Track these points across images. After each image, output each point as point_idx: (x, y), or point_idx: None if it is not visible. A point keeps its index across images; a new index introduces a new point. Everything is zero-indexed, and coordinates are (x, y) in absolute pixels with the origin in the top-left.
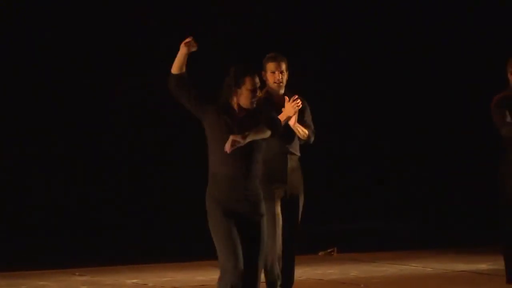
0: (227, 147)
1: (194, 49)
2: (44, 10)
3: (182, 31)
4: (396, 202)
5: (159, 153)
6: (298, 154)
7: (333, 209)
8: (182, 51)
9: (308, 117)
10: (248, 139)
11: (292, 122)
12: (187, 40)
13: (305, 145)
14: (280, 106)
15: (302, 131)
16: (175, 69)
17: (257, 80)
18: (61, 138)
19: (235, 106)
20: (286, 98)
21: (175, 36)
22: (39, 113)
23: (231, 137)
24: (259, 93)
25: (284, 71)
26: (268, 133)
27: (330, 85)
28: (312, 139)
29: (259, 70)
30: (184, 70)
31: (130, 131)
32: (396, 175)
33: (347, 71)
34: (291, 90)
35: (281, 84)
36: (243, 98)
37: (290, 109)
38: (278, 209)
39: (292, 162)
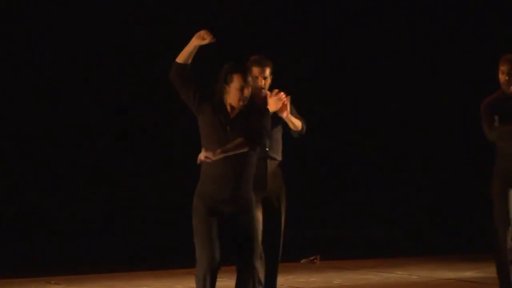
0: (200, 157)
1: (206, 41)
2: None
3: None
4: (380, 209)
5: (134, 158)
6: (279, 158)
7: (316, 216)
8: (194, 42)
9: (294, 111)
10: (219, 156)
11: (285, 114)
12: (201, 32)
13: (299, 137)
14: (262, 106)
15: (295, 122)
16: (181, 58)
17: (248, 79)
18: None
19: (228, 106)
20: (268, 93)
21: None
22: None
23: (202, 151)
24: (247, 92)
25: (268, 76)
26: (245, 149)
27: (321, 87)
28: (305, 129)
29: None
30: (189, 61)
31: (102, 141)
32: (382, 181)
33: (339, 73)
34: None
35: (263, 90)
36: (231, 97)
37: (273, 104)
38: (259, 215)
39: (273, 167)
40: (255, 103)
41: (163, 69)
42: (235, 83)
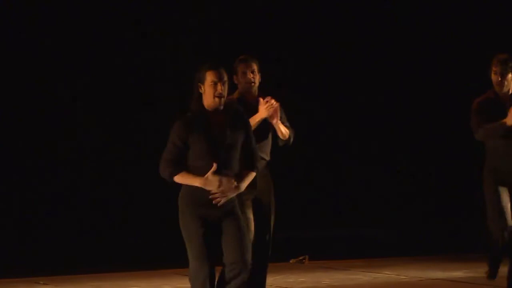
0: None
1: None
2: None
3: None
4: (370, 208)
5: (121, 156)
6: (268, 158)
7: (304, 215)
8: (197, 184)
9: (284, 117)
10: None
11: (274, 120)
12: (212, 181)
13: (283, 146)
14: (253, 107)
15: (284, 131)
16: (179, 181)
17: (222, 75)
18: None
19: (208, 111)
20: (260, 100)
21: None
22: None
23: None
24: (225, 90)
25: (256, 71)
26: (253, 176)
27: (313, 88)
28: (292, 139)
29: (230, 72)
30: None
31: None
32: (371, 179)
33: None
34: (264, 93)
35: (253, 84)
36: (206, 97)
37: (264, 111)
38: (251, 215)
39: (262, 168)
40: (238, 107)
41: None
42: (208, 79)
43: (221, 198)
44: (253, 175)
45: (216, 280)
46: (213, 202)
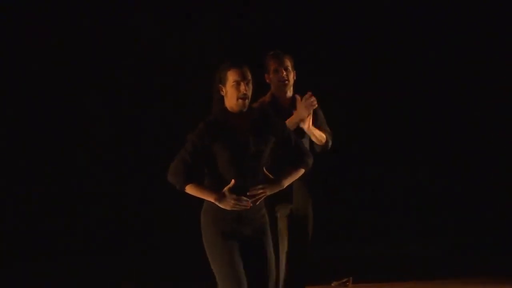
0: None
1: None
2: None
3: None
4: (417, 224)
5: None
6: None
7: (347, 232)
8: (211, 198)
9: (322, 119)
10: (283, 186)
11: (306, 126)
12: (228, 200)
13: (322, 153)
14: (287, 110)
15: (318, 136)
16: (189, 192)
17: (245, 73)
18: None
19: (232, 114)
20: (298, 98)
21: None
22: None
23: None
24: (249, 90)
25: (290, 68)
26: (301, 172)
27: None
28: (330, 143)
29: (261, 69)
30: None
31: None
32: (420, 195)
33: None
34: (299, 93)
35: (286, 82)
36: (229, 100)
37: (303, 110)
38: (283, 228)
39: (298, 179)
40: (268, 111)
41: None
42: (230, 80)
43: (256, 198)
44: (300, 171)
45: None
46: (243, 204)
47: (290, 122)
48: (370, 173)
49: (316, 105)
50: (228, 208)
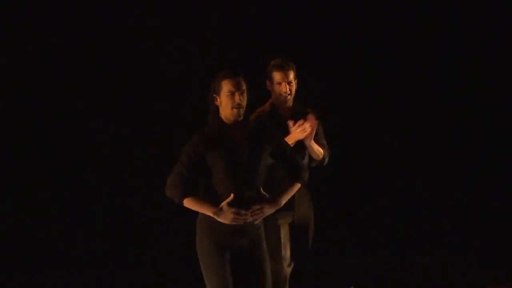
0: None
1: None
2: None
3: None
4: (422, 230)
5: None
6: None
7: (350, 240)
8: (210, 213)
9: (321, 134)
10: (281, 205)
11: (307, 141)
12: (228, 215)
13: (316, 167)
14: (287, 120)
15: (317, 151)
16: (188, 206)
17: (239, 83)
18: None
19: (227, 128)
20: (290, 123)
21: None
22: None
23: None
24: (244, 100)
25: (293, 81)
26: (297, 187)
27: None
28: (327, 160)
29: (263, 76)
30: None
31: None
32: (425, 201)
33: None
34: (300, 100)
35: (288, 96)
36: (224, 110)
37: (296, 134)
38: (284, 237)
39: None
40: (264, 122)
41: None
42: (224, 89)
43: (252, 216)
44: (296, 186)
45: None
46: (242, 218)
47: (288, 139)
48: (377, 182)
49: (309, 129)
50: (227, 222)
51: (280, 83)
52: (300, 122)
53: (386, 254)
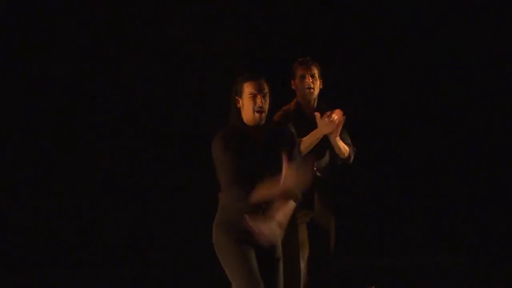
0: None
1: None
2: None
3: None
4: (444, 233)
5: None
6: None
7: (370, 240)
8: (278, 193)
9: (346, 133)
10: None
11: (333, 136)
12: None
13: (343, 165)
14: (312, 120)
15: (342, 148)
16: (258, 196)
17: (262, 86)
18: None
19: (249, 130)
20: (317, 115)
21: None
22: None
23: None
24: (265, 103)
25: (316, 76)
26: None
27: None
28: (352, 158)
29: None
30: None
31: None
32: (445, 199)
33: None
34: (325, 102)
35: (312, 90)
36: (245, 112)
37: (324, 127)
38: (303, 236)
39: (320, 184)
40: (285, 123)
41: None
42: (246, 92)
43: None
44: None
45: None
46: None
47: (313, 136)
48: (397, 183)
49: (337, 122)
50: (255, 227)
51: (303, 76)
52: (328, 113)
53: (405, 254)
